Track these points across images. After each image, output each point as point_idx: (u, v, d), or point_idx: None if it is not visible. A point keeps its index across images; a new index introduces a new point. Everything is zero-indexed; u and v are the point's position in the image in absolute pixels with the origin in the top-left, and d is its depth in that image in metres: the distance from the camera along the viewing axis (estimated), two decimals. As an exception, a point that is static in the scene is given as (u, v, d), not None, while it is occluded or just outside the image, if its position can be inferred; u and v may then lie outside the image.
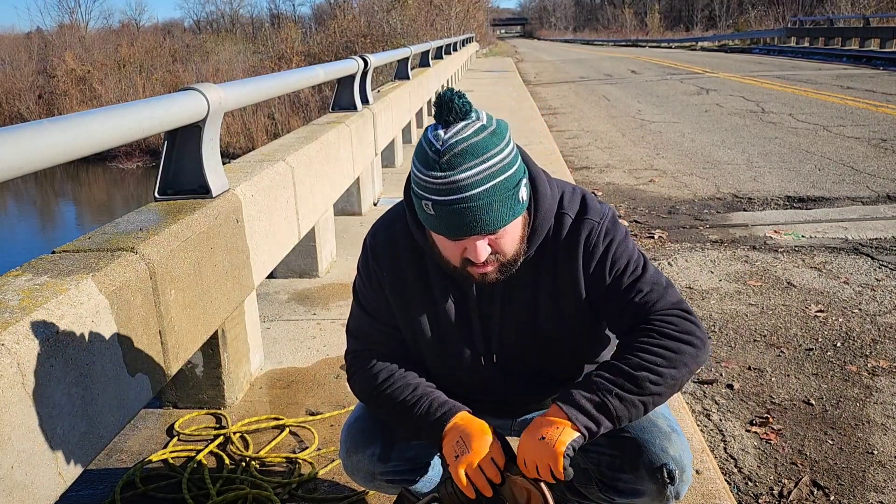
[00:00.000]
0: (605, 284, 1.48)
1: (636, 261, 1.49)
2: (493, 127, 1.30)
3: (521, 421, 1.72)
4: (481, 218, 1.29)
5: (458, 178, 1.27)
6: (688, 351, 1.39)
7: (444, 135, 1.28)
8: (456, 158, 1.27)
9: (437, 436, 1.45)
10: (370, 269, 1.55)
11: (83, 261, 1.87)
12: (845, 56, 23.07)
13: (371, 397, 1.57)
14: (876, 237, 4.88)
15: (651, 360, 1.37)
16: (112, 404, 1.77)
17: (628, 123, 11.06)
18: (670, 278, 4.29)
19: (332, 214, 4.32)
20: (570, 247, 1.47)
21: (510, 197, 1.31)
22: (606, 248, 1.47)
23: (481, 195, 1.28)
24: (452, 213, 1.28)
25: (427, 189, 1.29)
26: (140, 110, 2.20)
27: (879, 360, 3.14)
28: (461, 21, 34.97)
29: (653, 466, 1.47)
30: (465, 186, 1.27)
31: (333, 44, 25.47)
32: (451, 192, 1.27)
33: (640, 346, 1.39)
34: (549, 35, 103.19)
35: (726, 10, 72.05)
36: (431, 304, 1.53)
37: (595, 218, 1.48)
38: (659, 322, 1.42)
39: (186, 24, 69.90)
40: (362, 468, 1.62)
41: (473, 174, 1.27)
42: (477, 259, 1.35)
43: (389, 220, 1.57)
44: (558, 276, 1.49)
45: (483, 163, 1.28)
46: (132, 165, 19.69)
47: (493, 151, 1.29)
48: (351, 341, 1.64)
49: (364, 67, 5.40)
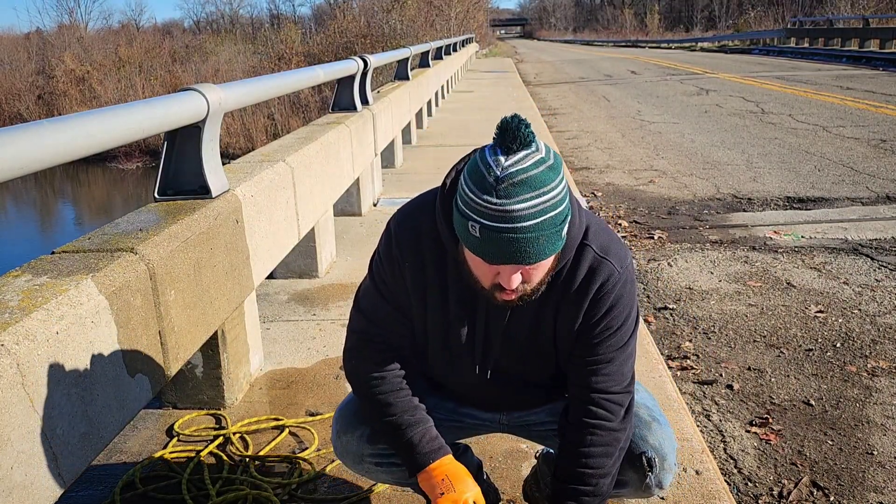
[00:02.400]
0: (592, 333, 1.52)
1: (628, 327, 1.54)
2: (550, 161, 1.29)
3: (508, 416, 1.77)
4: (526, 250, 1.29)
5: (513, 208, 1.25)
6: (623, 439, 1.56)
7: (505, 162, 1.26)
8: (514, 188, 1.25)
9: (415, 469, 1.54)
10: (393, 255, 1.54)
11: (83, 261, 1.87)
12: (845, 57, 23.08)
13: (364, 395, 1.60)
14: (875, 238, 4.88)
15: (602, 466, 1.53)
16: (112, 405, 1.77)
17: (628, 124, 11.06)
18: (670, 279, 4.32)
19: (331, 215, 4.32)
20: (584, 284, 1.48)
21: (556, 233, 1.31)
22: (615, 302, 1.50)
23: (531, 228, 1.27)
24: (500, 241, 1.28)
25: (478, 212, 1.28)
26: (140, 111, 2.20)
27: (879, 361, 3.14)
28: (461, 22, 34.97)
29: (632, 454, 1.56)
30: (518, 217, 1.26)
31: (333, 44, 25.45)
32: (503, 220, 1.26)
33: (594, 461, 1.53)
34: (549, 35, 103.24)
35: (726, 10, 72.07)
36: (445, 305, 1.54)
37: (617, 265, 1.49)
38: (606, 413, 1.53)
39: (186, 25, 70.00)
40: (351, 449, 1.66)
41: (528, 206, 1.26)
42: (509, 287, 1.36)
43: (416, 210, 1.54)
44: (564, 307, 1.51)
45: (538, 196, 1.26)
46: (132, 166, 19.69)
47: (549, 186, 1.28)
48: (360, 319, 1.61)
49: (364, 68, 5.40)
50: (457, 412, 1.75)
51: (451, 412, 1.74)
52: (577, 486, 1.53)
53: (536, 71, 25.76)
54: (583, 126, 11.08)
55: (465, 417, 1.76)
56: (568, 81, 20.30)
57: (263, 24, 56.58)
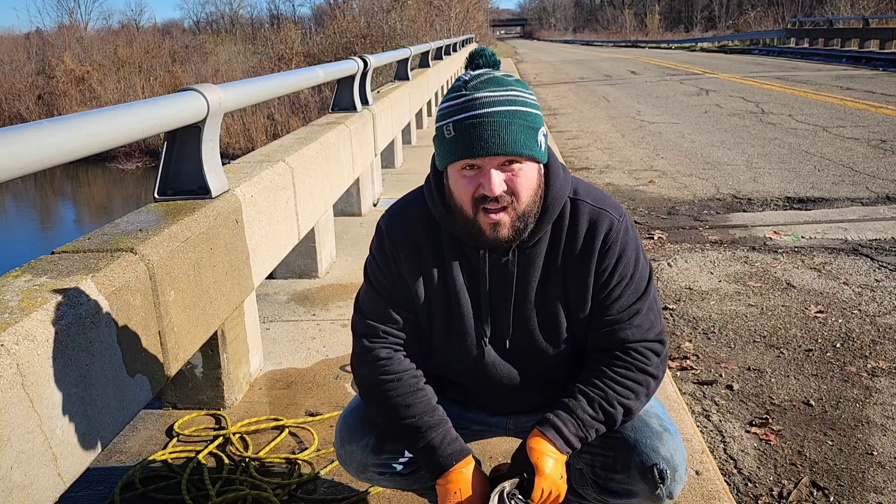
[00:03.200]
0: (609, 288, 1.49)
1: (642, 274, 1.51)
2: (516, 77, 1.40)
3: (515, 420, 1.72)
4: (499, 134, 1.32)
5: (480, 95, 1.34)
6: (653, 385, 1.53)
7: (473, 71, 1.40)
8: (482, 84, 1.35)
9: (437, 473, 1.50)
10: (386, 252, 1.54)
11: (83, 261, 1.87)
12: (845, 57, 23.09)
13: (379, 398, 1.55)
14: (875, 238, 4.88)
15: (626, 396, 1.49)
16: (111, 405, 1.77)
17: (628, 124, 11.06)
18: (670, 279, 4.32)
19: (331, 215, 4.32)
20: (589, 239, 1.48)
21: (529, 128, 1.35)
22: (622, 250, 1.48)
23: (501, 114, 1.33)
24: (471, 129, 1.33)
25: (450, 113, 1.36)
26: (140, 111, 2.20)
27: (879, 361, 3.14)
28: (461, 22, 34.99)
29: (644, 466, 1.50)
30: (485, 103, 1.33)
31: (333, 44, 25.45)
32: (472, 108, 1.33)
33: (620, 381, 1.49)
34: (549, 36, 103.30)
35: (726, 10, 72.12)
36: (446, 286, 1.53)
37: (615, 213, 1.49)
38: (638, 356, 1.50)
39: (186, 25, 69.96)
40: (355, 458, 1.63)
41: (496, 94, 1.34)
42: (491, 190, 1.35)
43: (405, 203, 1.59)
44: (572, 266, 1.50)
45: (506, 90, 1.35)
46: (132, 166, 19.69)
47: (516, 88, 1.37)
48: (364, 323, 1.59)
49: (364, 68, 5.41)
50: (463, 417, 1.69)
51: (458, 417, 1.66)
52: (591, 391, 1.49)
53: (536, 71, 25.76)
54: (582, 126, 11.08)
55: (472, 423, 1.71)
56: (568, 82, 20.30)
57: (263, 25, 56.63)
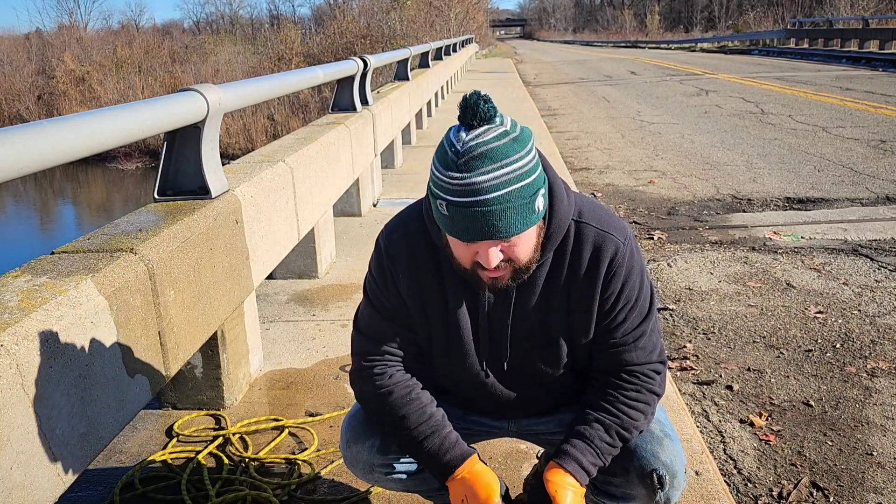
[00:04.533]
0: (614, 312, 1.49)
1: (646, 296, 1.51)
2: (515, 133, 1.28)
3: (517, 423, 1.72)
4: (494, 224, 1.27)
5: (474, 180, 1.25)
6: (657, 402, 1.55)
7: (466, 136, 1.27)
8: (474, 161, 1.25)
9: (443, 477, 1.50)
10: (385, 270, 1.52)
11: (82, 261, 1.87)
12: (844, 57, 23.10)
13: (377, 412, 1.56)
14: (875, 238, 4.88)
15: (638, 419, 1.51)
16: (111, 405, 1.77)
17: (628, 124, 11.06)
18: (670, 279, 4.32)
19: (331, 215, 4.32)
20: (593, 264, 1.46)
21: (526, 205, 1.29)
22: (627, 274, 1.47)
23: (496, 200, 1.25)
24: (466, 217, 1.27)
25: (443, 189, 1.28)
26: (140, 111, 2.20)
27: (879, 362, 3.14)
28: (460, 22, 35.01)
29: (643, 471, 1.49)
30: (480, 190, 1.25)
31: (333, 45, 25.45)
32: (466, 195, 1.25)
33: (632, 405, 1.51)
34: (549, 36, 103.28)
35: (726, 11, 72.13)
36: (445, 306, 1.51)
37: (620, 237, 1.47)
38: (645, 378, 1.52)
39: (186, 25, 69.96)
40: (361, 459, 1.62)
41: (490, 178, 1.25)
42: (488, 265, 1.33)
43: (405, 219, 1.54)
44: (575, 292, 1.48)
45: (501, 168, 1.25)
46: (132, 166, 19.68)
47: (512, 158, 1.26)
48: (361, 341, 1.59)
49: (363, 68, 5.41)
50: (465, 420, 1.70)
51: (460, 419, 1.67)
52: (606, 418, 1.49)
53: (536, 71, 25.76)
54: (582, 127, 11.08)
55: (474, 425, 1.71)
56: (567, 82, 20.30)
57: (263, 25, 56.63)
